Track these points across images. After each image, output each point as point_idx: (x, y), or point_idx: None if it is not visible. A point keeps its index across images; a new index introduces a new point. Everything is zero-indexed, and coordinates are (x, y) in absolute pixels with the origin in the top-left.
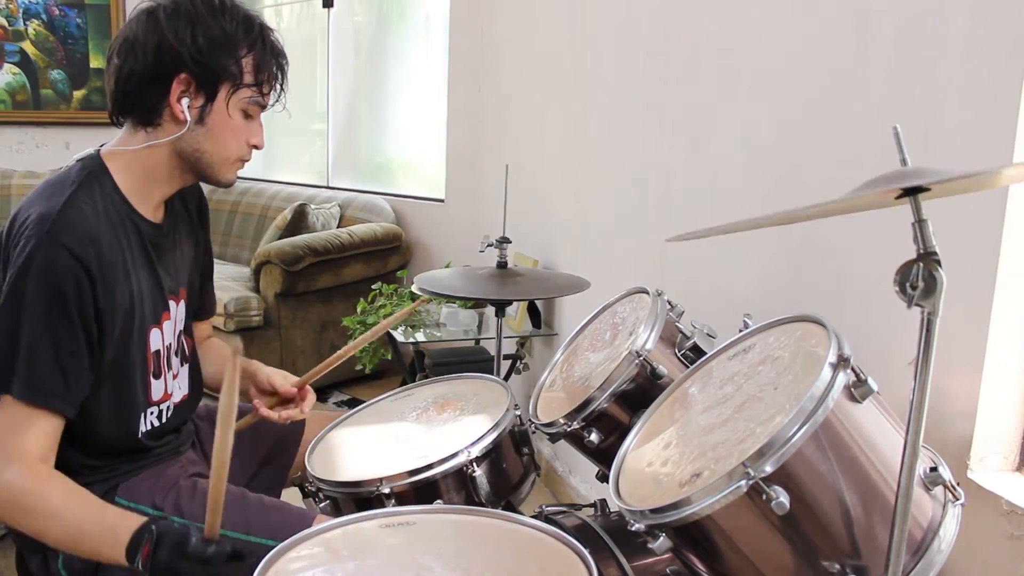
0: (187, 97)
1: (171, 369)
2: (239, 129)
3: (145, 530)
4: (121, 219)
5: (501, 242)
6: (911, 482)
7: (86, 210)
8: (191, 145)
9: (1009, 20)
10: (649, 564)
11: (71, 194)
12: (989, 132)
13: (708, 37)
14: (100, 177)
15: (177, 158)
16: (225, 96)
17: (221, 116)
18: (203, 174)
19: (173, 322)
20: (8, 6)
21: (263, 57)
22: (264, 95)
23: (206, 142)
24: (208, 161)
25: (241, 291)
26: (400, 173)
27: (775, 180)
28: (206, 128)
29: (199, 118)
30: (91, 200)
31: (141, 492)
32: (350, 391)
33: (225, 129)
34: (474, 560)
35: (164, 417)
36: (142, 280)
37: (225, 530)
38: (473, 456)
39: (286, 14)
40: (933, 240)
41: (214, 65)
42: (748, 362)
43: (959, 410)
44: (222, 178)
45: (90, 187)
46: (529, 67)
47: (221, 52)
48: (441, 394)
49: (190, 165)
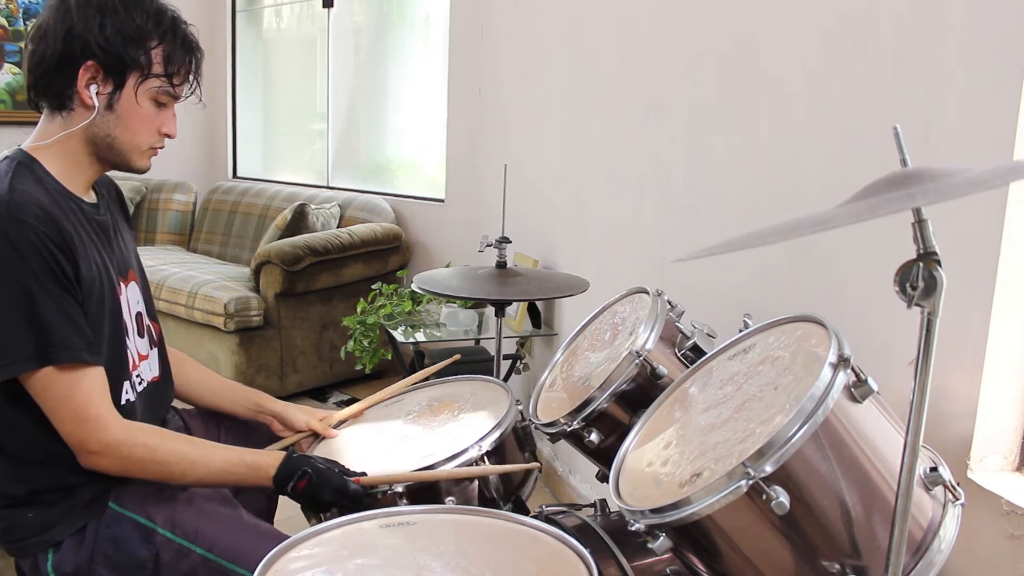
0: (95, 84)
1: (131, 341)
2: (149, 117)
3: (295, 467)
4: (62, 199)
5: (501, 242)
6: (911, 482)
7: (32, 191)
8: (102, 131)
9: (1009, 20)
10: (649, 564)
11: (10, 180)
12: (989, 132)
13: (708, 37)
14: (30, 165)
15: (91, 144)
16: (133, 85)
17: (130, 104)
18: (116, 161)
19: (126, 300)
20: (8, 6)
21: (173, 49)
22: (175, 86)
23: (116, 128)
24: (119, 148)
25: (241, 291)
26: (400, 173)
27: (775, 180)
28: (115, 115)
29: (108, 104)
30: (31, 184)
31: (134, 500)
32: (350, 391)
33: (135, 116)
34: (474, 560)
35: (138, 390)
36: (94, 257)
37: (214, 555)
38: (484, 451)
39: (286, 14)
40: (933, 240)
41: (121, 54)
42: (748, 362)
43: (959, 410)
44: (135, 165)
45: (24, 175)
46: (529, 67)
47: (129, 42)
48: (434, 396)
49: (103, 152)
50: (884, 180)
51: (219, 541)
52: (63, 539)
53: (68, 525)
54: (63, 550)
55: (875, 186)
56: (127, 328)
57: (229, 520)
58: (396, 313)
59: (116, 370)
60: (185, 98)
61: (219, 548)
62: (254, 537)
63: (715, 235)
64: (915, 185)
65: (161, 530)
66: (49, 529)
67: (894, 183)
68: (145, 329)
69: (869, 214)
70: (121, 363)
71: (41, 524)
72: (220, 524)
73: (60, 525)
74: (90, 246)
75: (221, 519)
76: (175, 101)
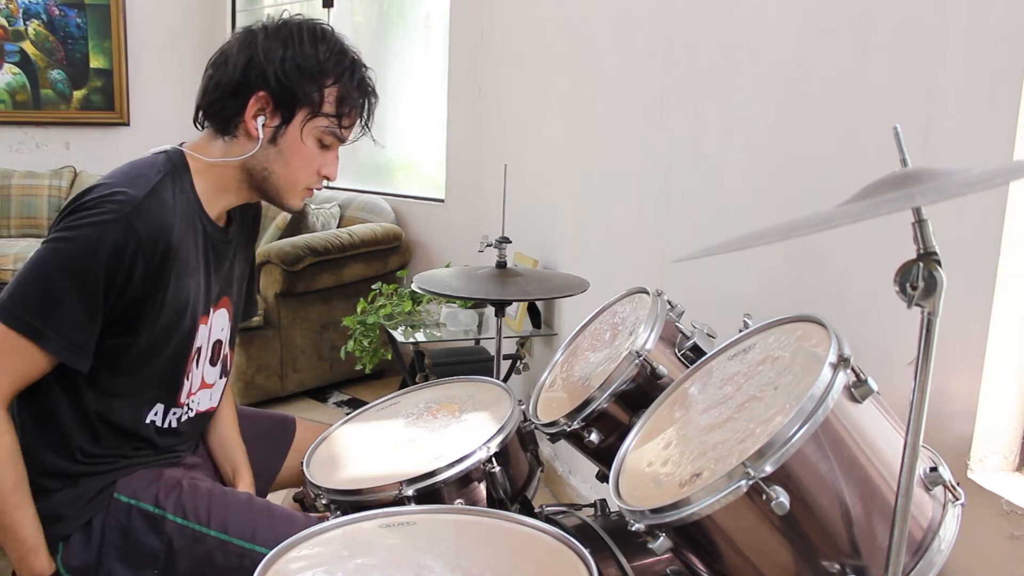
0: (263, 116)
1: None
2: (311, 156)
3: None
4: (192, 217)
5: (500, 242)
6: (911, 482)
7: (167, 200)
8: (261, 163)
9: (1009, 20)
10: (649, 564)
11: (158, 182)
12: (989, 132)
13: (708, 37)
14: (181, 172)
15: (247, 173)
16: (301, 121)
17: (294, 140)
18: (269, 195)
19: (208, 328)
20: (8, 6)
21: (348, 91)
22: (343, 128)
23: (276, 163)
24: (275, 183)
25: None
26: (400, 173)
27: (775, 180)
28: (278, 149)
29: (272, 138)
30: (172, 192)
31: (141, 488)
32: (350, 391)
33: (296, 154)
34: (474, 560)
35: (183, 419)
36: (197, 281)
37: (230, 537)
38: (492, 452)
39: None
40: (933, 240)
41: (295, 88)
42: (748, 362)
43: (959, 410)
44: (287, 202)
45: (173, 179)
46: (529, 67)
47: (306, 77)
48: (432, 399)
49: (258, 184)
50: (884, 180)
51: (234, 522)
52: (71, 533)
53: (75, 518)
54: (72, 544)
55: (875, 186)
56: (200, 355)
57: (241, 501)
58: (396, 313)
59: (157, 395)
60: (353, 141)
61: (234, 529)
62: (268, 517)
63: (715, 235)
64: (915, 185)
65: (171, 516)
66: (57, 522)
67: (894, 183)
68: (220, 358)
69: (869, 214)
70: (170, 392)
71: (49, 516)
72: (232, 506)
73: (68, 518)
74: (196, 271)
75: (232, 501)
76: (340, 143)
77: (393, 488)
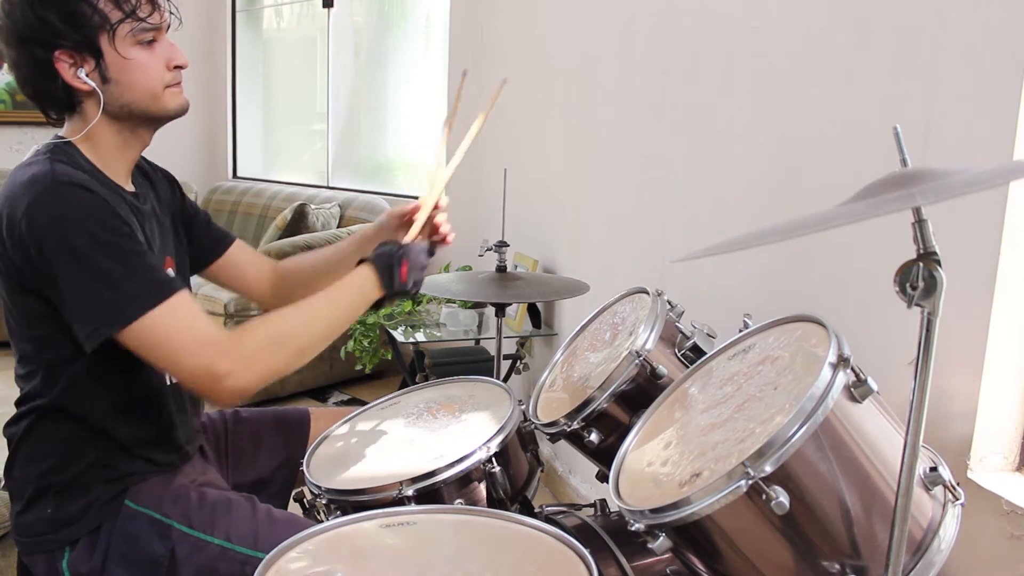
0: (79, 68)
1: None
2: (146, 63)
3: (386, 256)
4: (104, 186)
5: (499, 246)
6: (911, 482)
7: (73, 172)
8: (116, 103)
9: (1009, 20)
10: (649, 564)
11: (50, 162)
12: (989, 132)
13: (708, 37)
14: (69, 152)
15: (116, 123)
16: (108, 43)
17: (120, 63)
18: (147, 120)
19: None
20: None
21: None
22: (145, 18)
23: (125, 93)
24: (140, 108)
25: None
26: (400, 173)
27: (775, 180)
28: (115, 81)
29: (103, 78)
30: (70, 168)
31: (150, 498)
32: (350, 391)
33: (132, 72)
34: (474, 560)
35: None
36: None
37: (233, 544)
38: (492, 452)
39: (286, 14)
40: (933, 240)
41: (73, 24)
42: (748, 362)
43: (959, 410)
44: (162, 112)
45: (63, 160)
46: (529, 67)
47: (70, 7)
48: (432, 399)
49: (130, 121)
50: (884, 180)
51: (236, 530)
52: (79, 538)
53: (85, 524)
54: (79, 549)
55: (875, 186)
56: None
57: (244, 509)
58: (396, 313)
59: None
60: (167, 24)
61: (237, 537)
62: (270, 523)
63: (715, 235)
64: (915, 185)
65: (177, 525)
66: (67, 527)
67: (894, 183)
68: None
69: (869, 214)
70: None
71: (59, 521)
72: (235, 514)
73: (78, 523)
74: (136, 230)
75: (236, 509)
76: (160, 32)
77: (393, 488)
